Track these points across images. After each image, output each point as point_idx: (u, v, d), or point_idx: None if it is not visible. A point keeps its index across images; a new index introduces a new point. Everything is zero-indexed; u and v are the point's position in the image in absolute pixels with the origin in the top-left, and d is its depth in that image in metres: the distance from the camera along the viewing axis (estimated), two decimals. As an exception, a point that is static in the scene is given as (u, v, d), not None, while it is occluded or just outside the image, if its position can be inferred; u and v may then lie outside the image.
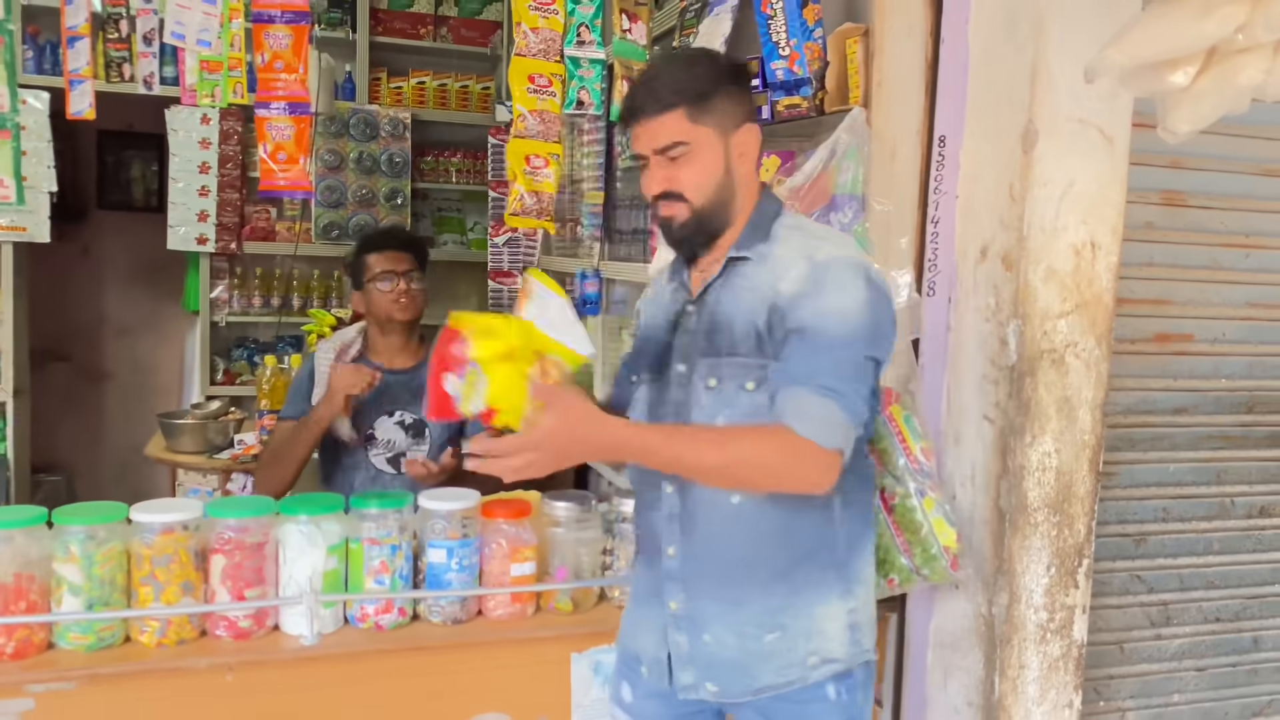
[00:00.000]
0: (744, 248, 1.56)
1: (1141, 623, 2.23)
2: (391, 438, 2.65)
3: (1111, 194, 1.89)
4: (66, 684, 1.69)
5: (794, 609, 1.57)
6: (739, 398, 1.52)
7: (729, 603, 1.57)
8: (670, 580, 1.60)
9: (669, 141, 1.52)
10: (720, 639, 1.57)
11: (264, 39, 1.96)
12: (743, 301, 1.54)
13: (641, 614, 1.69)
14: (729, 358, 1.53)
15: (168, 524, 1.76)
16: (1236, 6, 1.28)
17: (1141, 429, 2.17)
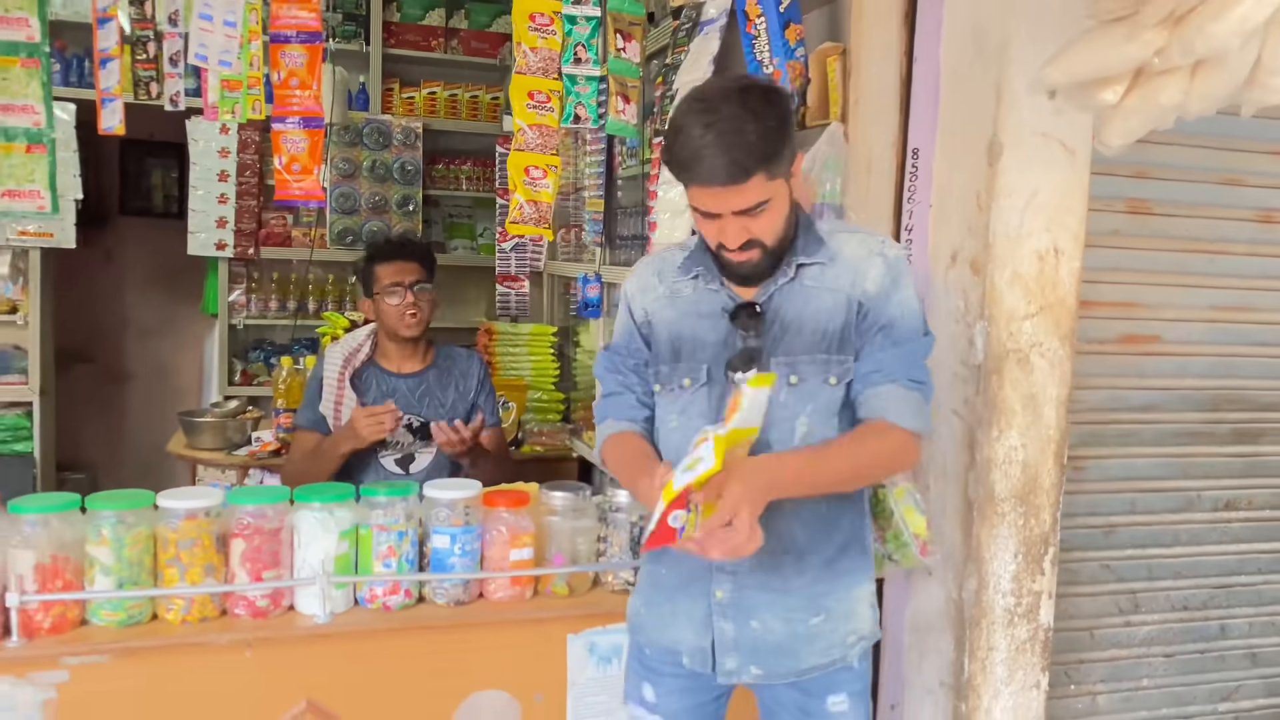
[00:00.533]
0: (809, 254, 1.65)
1: (1111, 610, 2.33)
2: (400, 440, 2.76)
3: (1074, 203, 2.01)
4: (99, 657, 1.83)
5: (836, 593, 1.69)
6: (821, 392, 1.63)
7: (777, 591, 1.66)
8: (719, 571, 1.66)
9: (752, 204, 1.54)
10: (767, 624, 1.66)
11: (280, 58, 2.10)
12: (819, 302, 1.64)
13: (674, 608, 1.73)
14: (808, 355, 1.63)
15: (191, 510, 1.90)
16: (1156, 32, 1.40)
17: (1110, 425, 2.28)
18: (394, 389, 2.77)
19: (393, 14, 5.05)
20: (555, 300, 4.39)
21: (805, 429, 1.63)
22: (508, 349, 3.82)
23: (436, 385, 2.80)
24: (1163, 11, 1.41)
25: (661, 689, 1.77)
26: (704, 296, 1.70)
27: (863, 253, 1.65)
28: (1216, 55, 1.38)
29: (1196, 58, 1.40)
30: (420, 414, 2.77)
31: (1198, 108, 1.49)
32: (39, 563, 1.81)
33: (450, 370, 2.83)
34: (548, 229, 2.27)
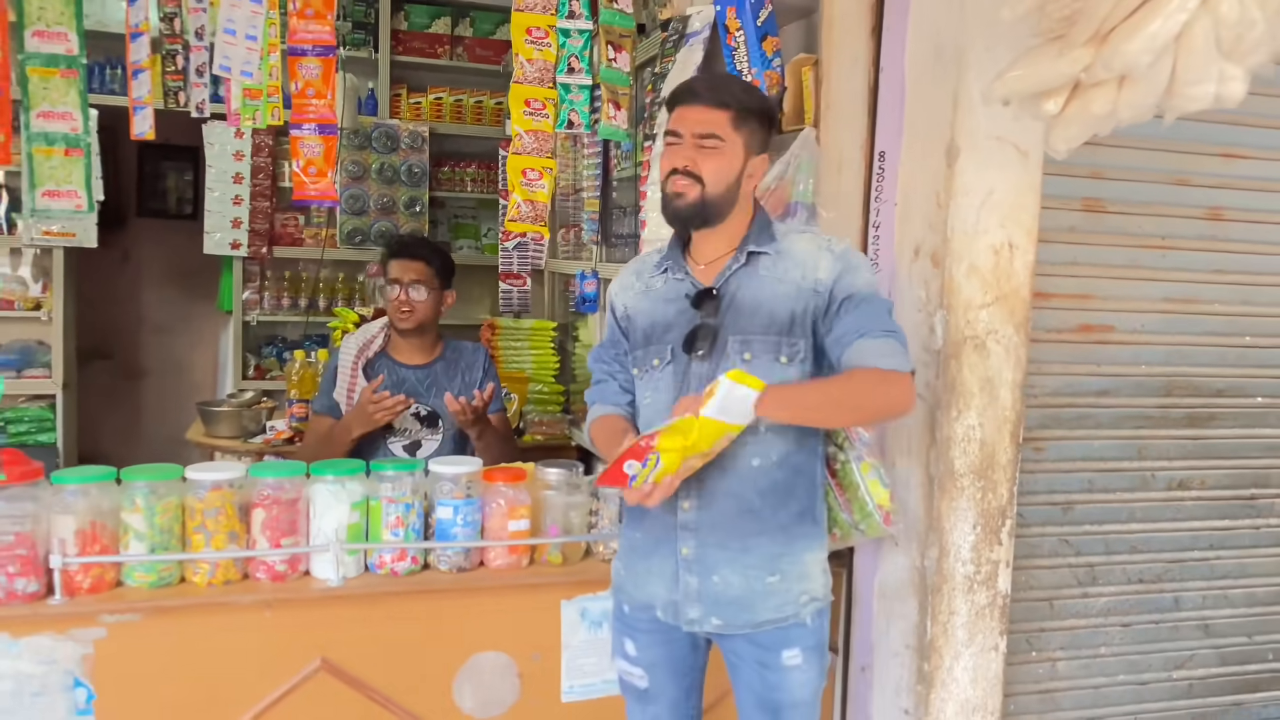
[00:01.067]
0: (761, 244, 1.85)
1: (1070, 582, 2.48)
2: (408, 427, 2.92)
3: (1027, 201, 2.18)
4: (133, 615, 2.01)
5: (790, 556, 1.86)
6: (772, 369, 1.79)
7: (737, 550, 1.83)
8: (684, 530, 1.84)
9: (709, 131, 1.79)
10: (727, 580, 1.84)
11: (297, 69, 2.28)
12: (771, 288, 1.82)
13: (647, 566, 1.91)
14: (761, 335, 1.81)
15: (217, 482, 2.08)
16: (1084, 50, 1.57)
17: (1067, 409, 2.43)
18: (403, 379, 2.94)
19: (401, 22, 5.24)
20: (556, 296, 4.57)
21: None
22: (510, 343, 3.99)
23: (444, 375, 2.96)
24: (1089, 31, 1.58)
25: (640, 642, 1.95)
26: (671, 286, 1.91)
27: (811, 249, 1.85)
28: (1133, 70, 1.54)
29: (1116, 73, 1.57)
30: (427, 403, 2.94)
31: (1127, 116, 1.66)
32: (79, 528, 1.98)
33: (456, 362, 3.00)
34: (544, 226, 2.44)
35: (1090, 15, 1.55)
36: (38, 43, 2.14)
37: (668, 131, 1.84)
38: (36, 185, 2.19)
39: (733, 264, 1.85)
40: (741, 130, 1.80)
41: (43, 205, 2.19)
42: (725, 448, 1.75)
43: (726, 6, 2.33)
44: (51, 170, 2.18)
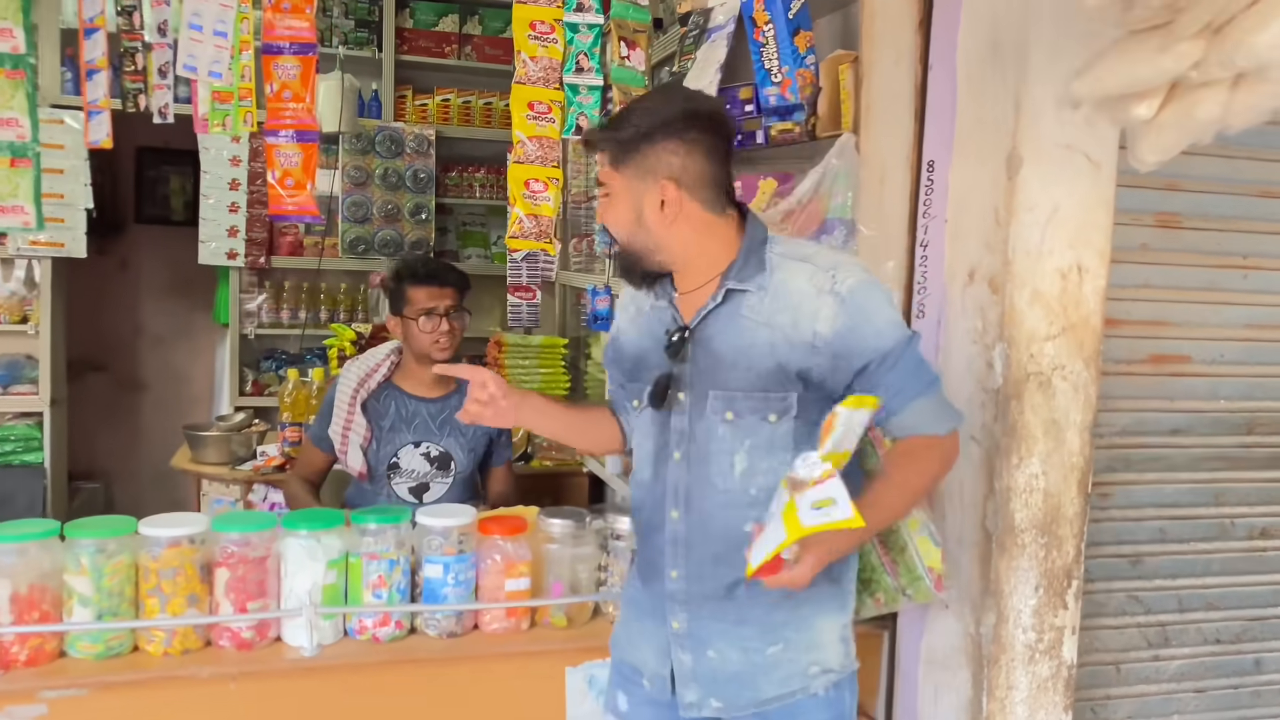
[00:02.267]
0: (743, 280, 1.57)
1: (1139, 644, 2.23)
2: (415, 468, 2.68)
3: (1098, 218, 1.91)
4: (78, 690, 1.77)
5: (796, 622, 1.63)
6: (760, 429, 1.57)
7: (731, 621, 1.62)
8: (673, 601, 1.63)
9: (600, 179, 1.62)
10: (724, 654, 1.62)
11: (273, 69, 2.03)
12: (753, 335, 1.55)
13: (640, 628, 1.72)
14: (745, 392, 1.56)
15: (174, 538, 1.84)
16: (1193, 44, 1.30)
17: (1137, 450, 2.18)
18: (414, 414, 2.68)
19: (406, 20, 5.01)
20: (568, 311, 4.32)
21: (744, 465, 1.58)
22: (518, 361, 3.74)
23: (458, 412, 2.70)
24: (1200, 21, 1.31)
25: (633, 699, 1.74)
26: (657, 314, 1.69)
27: (810, 290, 1.54)
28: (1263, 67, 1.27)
29: (1236, 70, 1.30)
30: (439, 443, 2.68)
31: (1240, 121, 1.39)
32: (15, 593, 1.75)
33: None
34: (549, 243, 2.19)
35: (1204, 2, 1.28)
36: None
37: None
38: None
39: (709, 303, 1.59)
40: (624, 167, 1.57)
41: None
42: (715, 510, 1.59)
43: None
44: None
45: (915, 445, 1.59)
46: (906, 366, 1.56)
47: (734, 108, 2.20)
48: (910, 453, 1.60)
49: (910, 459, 1.60)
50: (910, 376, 1.57)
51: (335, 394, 2.71)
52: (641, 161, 1.55)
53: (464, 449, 2.69)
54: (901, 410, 1.57)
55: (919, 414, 1.58)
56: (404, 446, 2.66)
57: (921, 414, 1.59)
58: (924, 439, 1.59)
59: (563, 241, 4.15)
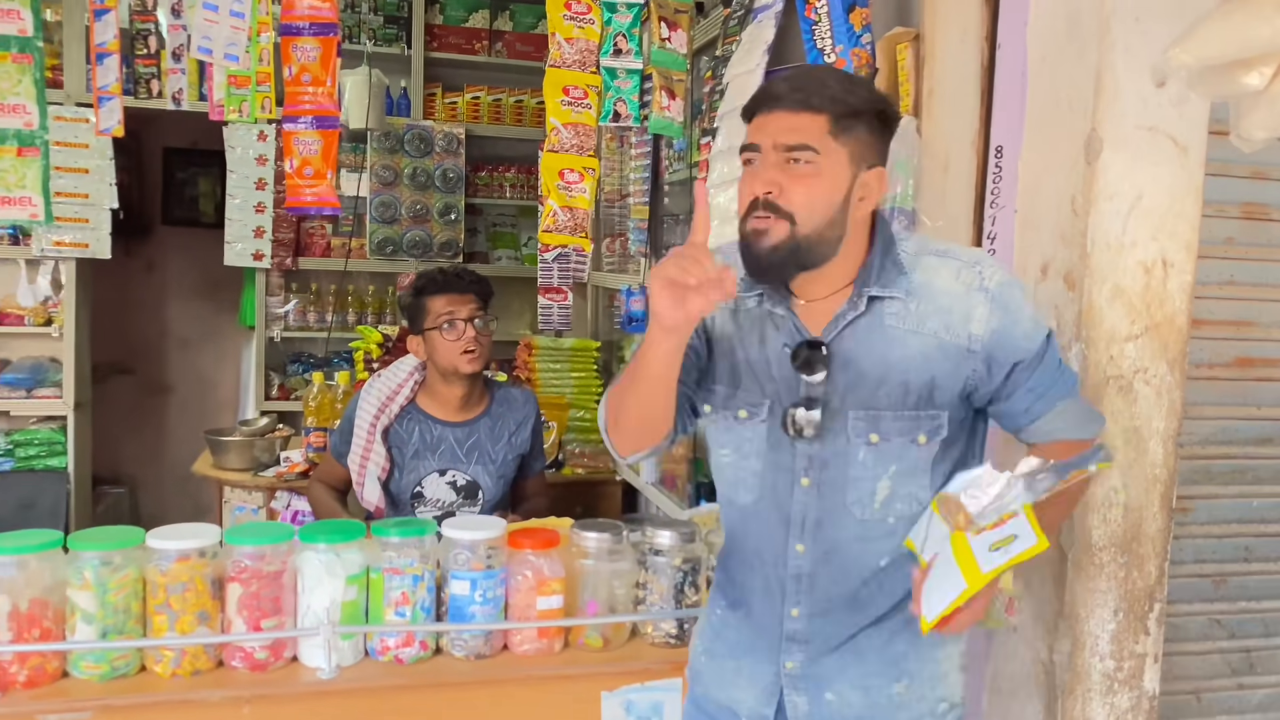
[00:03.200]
0: (885, 284, 1.39)
1: (1222, 671, 2.06)
2: (441, 497, 2.53)
3: (1185, 207, 1.75)
4: (81, 715, 1.65)
5: (917, 655, 1.48)
6: (908, 452, 1.40)
7: (850, 655, 1.46)
8: (791, 641, 1.47)
9: (799, 141, 1.32)
10: (844, 696, 1.46)
11: (292, 52, 1.91)
12: (903, 347, 1.39)
13: (736, 665, 1.53)
14: (892, 412, 1.39)
15: (184, 551, 1.71)
16: (1322, -1, 1.15)
17: (1221, 461, 2.02)
18: (439, 439, 2.52)
19: (435, 16, 4.91)
20: (600, 313, 4.19)
21: (886, 492, 1.41)
22: (548, 365, 3.61)
23: (488, 439, 2.55)
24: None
25: None
26: (768, 318, 1.45)
27: (959, 289, 1.39)
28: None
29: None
30: (465, 471, 2.53)
31: (1361, 92, 1.23)
32: (15, 608, 1.64)
33: (505, 418, 2.58)
34: (585, 238, 2.06)
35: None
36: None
37: (744, 147, 1.38)
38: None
39: (848, 311, 1.39)
40: (845, 139, 1.34)
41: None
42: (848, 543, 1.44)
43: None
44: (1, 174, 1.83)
45: (1062, 451, 1.40)
46: (1049, 366, 1.43)
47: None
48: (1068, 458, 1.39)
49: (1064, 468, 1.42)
50: (1054, 377, 1.43)
51: (355, 414, 2.56)
52: (866, 138, 1.36)
53: (493, 476, 2.53)
54: (1046, 414, 1.43)
55: (1064, 417, 1.44)
56: (429, 475, 2.51)
57: (1066, 417, 1.45)
58: (1070, 444, 1.43)
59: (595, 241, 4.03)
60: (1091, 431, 1.48)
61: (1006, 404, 1.44)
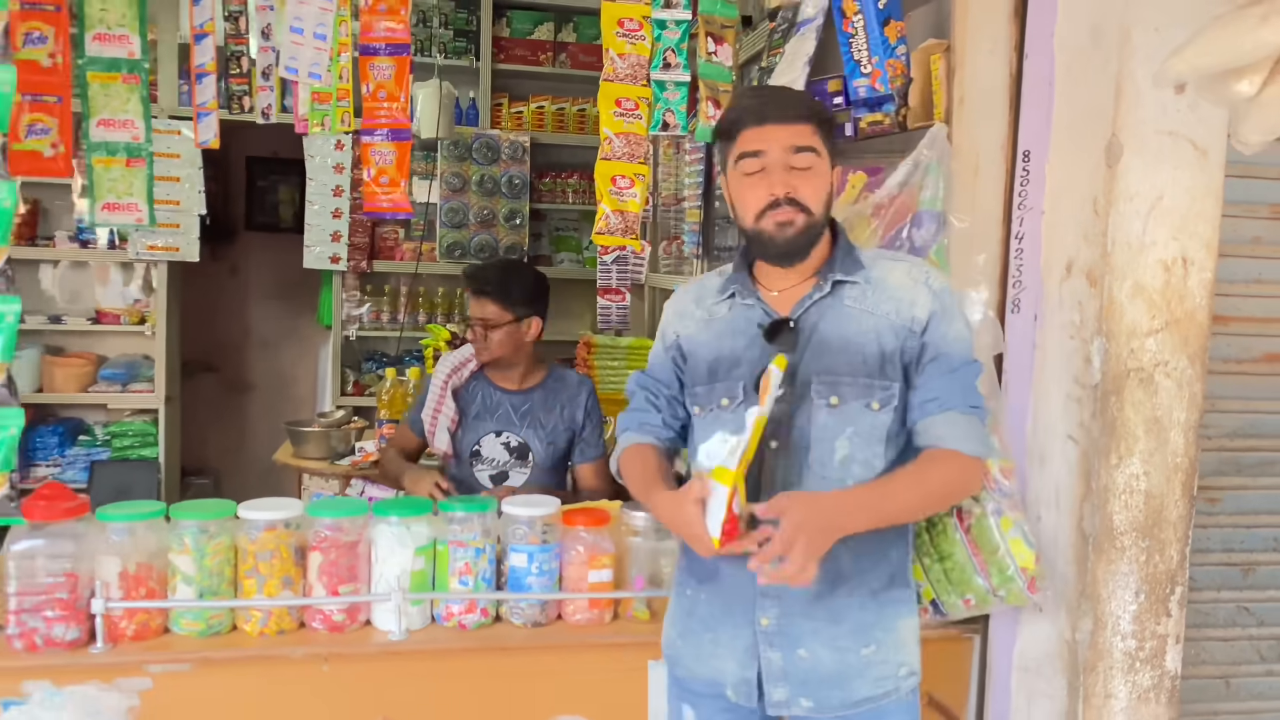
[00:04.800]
0: (846, 271, 1.63)
1: (1250, 657, 2.12)
2: (495, 456, 2.74)
3: (1205, 208, 1.83)
4: (182, 666, 1.84)
5: (884, 624, 1.64)
6: (862, 417, 1.59)
7: (825, 620, 1.61)
8: (765, 597, 1.61)
9: (805, 144, 1.58)
10: (815, 654, 1.61)
11: (369, 70, 2.10)
12: (858, 323, 1.61)
13: (714, 637, 1.67)
14: (849, 377, 1.59)
15: (271, 521, 1.90)
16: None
17: (1249, 453, 2.08)
18: (498, 404, 2.76)
19: (503, 29, 5.10)
20: (657, 313, 4.33)
21: (845, 451, 1.60)
22: (606, 362, 3.77)
23: (541, 407, 2.77)
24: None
25: (703, 711, 1.72)
26: (739, 314, 1.68)
27: (908, 282, 1.63)
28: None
29: (1345, 40, 1.23)
30: (519, 433, 2.74)
31: (1348, 98, 1.32)
32: (124, 570, 1.83)
33: (558, 393, 2.79)
34: (635, 239, 2.20)
35: (1311, -30, 1.22)
36: (98, 46, 2.01)
37: (743, 155, 1.60)
38: (96, 198, 2.06)
39: (815, 293, 1.63)
40: (824, 143, 1.62)
41: (102, 219, 2.06)
42: None
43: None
44: (112, 182, 2.04)
45: (937, 454, 1.59)
46: (959, 381, 1.60)
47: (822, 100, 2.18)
48: (932, 458, 1.59)
49: (930, 462, 1.59)
50: (958, 391, 1.60)
51: (431, 378, 2.83)
52: (830, 143, 1.63)
53: (543, 441, 2.73)
54: (934, 415, 1.59)
55: (950, 425, 1.59)
56: (486, 435, 2.74)
57: (953, 426, 1.59)
58: (947, 451, 1.58)
59: (653, 244, 4.17)
60: (973, 449, 1.59)
61: (912, 393, 1.62)
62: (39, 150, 1.93)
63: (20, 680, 1.78)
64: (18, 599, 1.78)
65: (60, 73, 1.96)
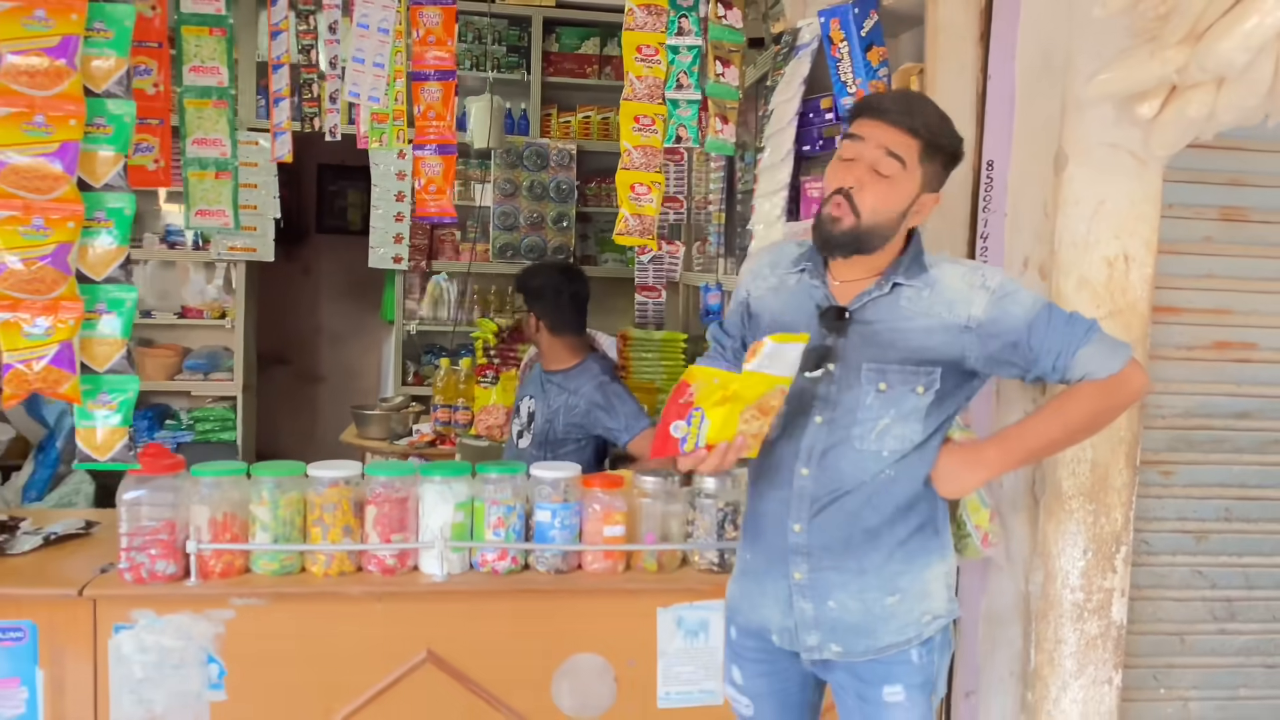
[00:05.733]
0: (908, 276, 1.74)
1: (1204, 616, 2.31)
2: (523, 415, 3.16)
3: (1145, 211, 2.05)
4: (259, 600, 2.18)
5: (910, 573, 1.77)
6: (907, 399, 1.73)
7: (852, 572, 1.75)
8: (795, 554, 1.76)
9: (892, 150, 1.66)
10: (844, 605, 1.76)
11: (420, 93, 2.43)
12: (911, 322, 1.73)
13: (760, 589, 1.83)
14: (899, 365, 1.71)
15: (334, 479, 2.23)
16: (1177, 50, 1.49)
17: (1201, 431, 2.27)
18: (536, 376, 3.17)
19: (552, 44, 5.43)
20: (690, 309, 4.62)
21: (884, 428, 1.74)
22: (640, 354, 4.06)
23: (556, 387, 3.08)
24: (1182, 30, 1.50)
25: (747, 671, 1.89)
26: (804, 290, 1.81)
27: (964, 286, 1.73)
28: (1228, 70, 1.45)
29: (1211, 74, 1.48)
30: (535, 402, 3.11)
31: (1228, 119, 1.57)
32: (212, 517, 2.18)
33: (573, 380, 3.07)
34: (652, 239, 2.49)
35: (1184, 13, 1.48)
36: (194, 77, 2.38)
37: (847, 135, 1.73)
38: (191, 205, 2.44)
39: (874, 291, 1.75)
40: (925, 164, 1.70)
41: (196, 223, 2.43)
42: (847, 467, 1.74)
43: (830, 18, 2.32)
44: (204, 192, 2.41)
45: (1080, 387, 1.71)
46: (1057, 324, 1.71)
47: (816, 116, 2.46)
48: (1071, 393, 1.72)
49: (1069, 396, 1.73)
50: (1065, 331, 1.70)
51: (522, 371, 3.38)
52: (938, 170, 1.73)
53: (543, 415, 3.06)
54: (1071, 364, 1.70)
55: (1087, 362, 1.70)
56: (525, 397, 3.18)
57: (1090, 361, 1.70)
58: (1093, 383, 1.71)
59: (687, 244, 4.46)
60: (1118, 363, 1.71)
61: (1036, 368, 1.72)
62: (144, 165, 2.29)
63: (129, 608, 2.14)
64: (128, 538, 2.14)
65: (162, 99, 2.32)
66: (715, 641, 2.30)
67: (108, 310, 1.69)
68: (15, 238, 1.60)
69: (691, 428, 1.58)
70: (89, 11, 1.63)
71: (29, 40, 1.60)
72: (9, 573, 2.20)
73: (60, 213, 1.62)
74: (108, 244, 1.67)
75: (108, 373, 1.70)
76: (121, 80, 1.66)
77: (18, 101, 1.60)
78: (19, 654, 2.11)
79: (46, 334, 1.62)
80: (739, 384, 1.58)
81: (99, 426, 1.70)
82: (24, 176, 1.61)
